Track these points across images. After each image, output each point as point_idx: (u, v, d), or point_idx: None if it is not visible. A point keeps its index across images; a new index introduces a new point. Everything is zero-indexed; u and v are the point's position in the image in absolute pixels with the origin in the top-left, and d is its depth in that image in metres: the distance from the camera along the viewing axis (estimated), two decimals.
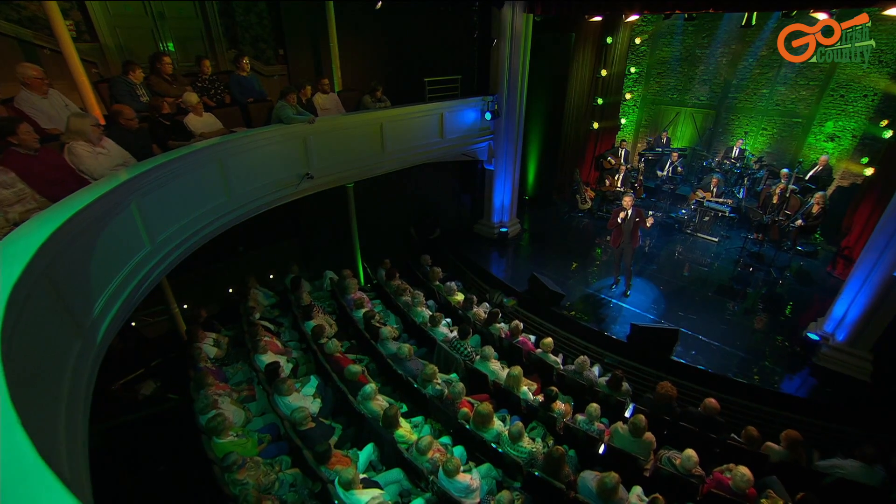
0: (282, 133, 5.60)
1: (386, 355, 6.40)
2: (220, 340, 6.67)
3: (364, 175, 7.08)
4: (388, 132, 6.99)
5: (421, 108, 7.39)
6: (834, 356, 6.07)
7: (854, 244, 8.05)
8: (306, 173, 6.01)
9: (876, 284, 5.62)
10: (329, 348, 6.29)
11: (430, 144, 7.82)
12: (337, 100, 6.77)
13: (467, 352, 6.39)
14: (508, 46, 7.98)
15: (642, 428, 4.79)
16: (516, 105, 8.68)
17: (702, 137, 12.09)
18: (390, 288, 8.17)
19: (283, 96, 5.55)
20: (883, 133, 8.07)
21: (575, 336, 7.07)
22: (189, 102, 4.86)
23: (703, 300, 7.50)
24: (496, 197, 9.59)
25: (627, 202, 6.84)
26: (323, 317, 7.71)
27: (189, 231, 4.40)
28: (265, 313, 7.89)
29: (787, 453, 4.84)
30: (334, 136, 6.36)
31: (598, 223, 10.61)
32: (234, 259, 8.98)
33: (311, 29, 7.73)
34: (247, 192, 5.29)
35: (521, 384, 5.73)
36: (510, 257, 9.32)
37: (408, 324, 7.50)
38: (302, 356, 6.99)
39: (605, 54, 10.43)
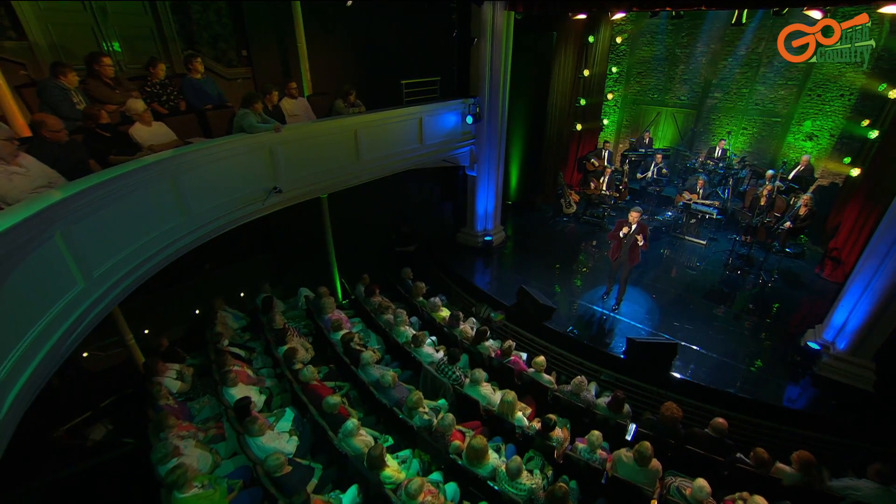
0: (245, 143, 5.04)
1: (368, 382, 5.90)
2: (183, 372, 6.04)
3: (338, 186, 6.55)
4: (364, 139, 6.48)
5: (398, 112, 6.90)
6: (835, 366, 5.87)
7: (842, 245, 7.95)
8: (274, 187, 5.46)
9: (878, 292, 5.43)
10: (304, 376, 5.75)
11: (408, 151, 7.33)
12: (306, 105, 6.23)
13: (456, 375, 5.94)
14: (489, 46, 7.57)
15: (648, 456, 4.45)
16: (498, 107, 8.28)
17: (683, 138, 11.98)
18: (370, 305, 7.65)
19: (247, 103, 4.99)
20: (868, 133, 7.99)
21: (568, 352, 6.69)
22: (134, 110, 4.25)
23: (697, 308, 7.25)
24: (479, 204, 9.17)
25: (634, 217, 6.40)
26: (298, 340, 7.14)
27: (137, 260, 3.81)
28: (235, 338, 7.28)
29: (801, 476, 4.58)
30: (304, 145, 5.82)
31: (583, 227, 10.32)
32: (200, 278, 8.30)
33: (277, 28, 7.13)
34: (206, 210, 4.71)
35: (515, 410, 5.32)
36: (495, 267, 8.92)
37: (390, 344, 7.01)
38: (276, 385, 6.42)
39: (587, 54, 10.15)
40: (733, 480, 4.76)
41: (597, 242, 9.72)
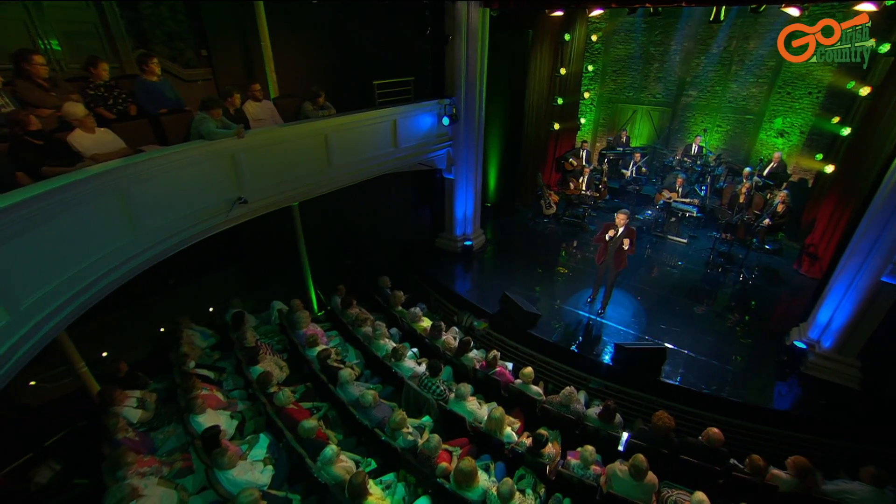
0: (204, 151, 4.61)
1: (347, 402, 5.55)
2: (145, 399, 5.56)
3: (309, 194, 6.16)
4: (335, 143, 6.11)
5: (371, 114, 6.55)
6: (821, 364, 5.83)
7: (818, 241, 8.01)
8: (238, 197, 5.05)
9: (862, 290, 5.41)
10: (280, 400, 5.37)
11: (383, 155, 6.99)
12: (272, 108, 5.82)
13: (440, 390, 5.65)
14: (465, 44, 7.30)
15: (644, 469, 4.27)
16: (475, 108, 8.02)
17: (660, 135, 12.00)
18: (347, 318, 7.29)
19: (205, 107, 4.56)
20: (840, 130, 8.07)
21: (554, 360, 6.48)
22: (73, 115, 3.78)
23: (682, 310, 7.16)
24: (458, 208, 8.89)
25: (621, 220, 6.14)
26: (272, 358, 6.74)
27: (77, 286, 3.38)
28: (203, 358, 6.80)
29: (797, 482, 4.47)
30: (271, 151, 5.42)
31: (564, 228, 10.17)
32: (164, 294, 7.76)
33: (238, 26, 6.66)
34: (162, 226, 4.27)
35: (504, 426, 5.06)
36: (476, 273, 8.65)
37: (370, 358, 6.66)
38: (249, 408, 6.00)
39: (563, 52, 10.00)
40: (729, 489, 4.64)
41: (578, 243, 9.59)
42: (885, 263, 5.20)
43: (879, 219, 5.24)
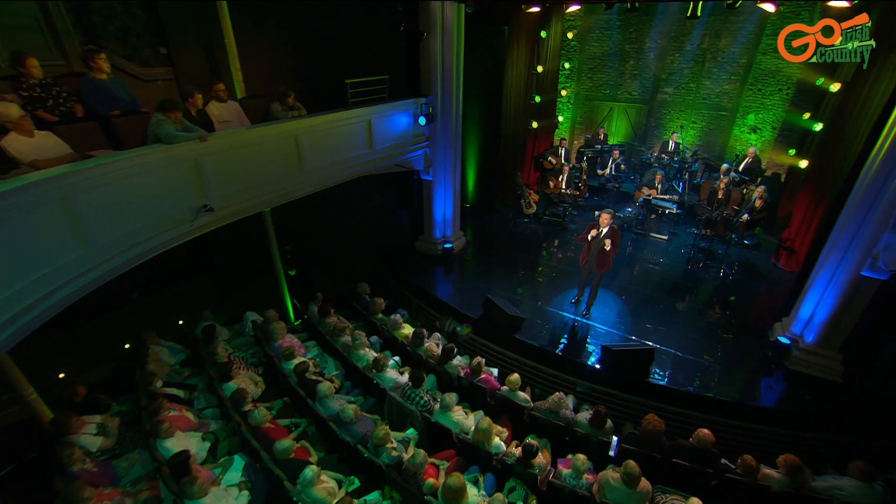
0: (163, 156, 4.26)
1: (326, 417, 5.27)
2: (106, 425, 5.13)
3: (281, 199, 5.84)
4: (307, 146, 5.80)
5: (344, 115, 6.26)
6: (805, 359, 5.84)
7: (795, 235, 8.10)
8: (203, 205, 4.71)
9: (843, 284, 5.42)
10: (255, 419, 5.05)
11: (357, 157, 6.70)
12: (238, 109, 5.49)
13: (424, 401, 5.42)
14: (440, 41, 7.08)
15: (637, 476, 4.14)
16: (452, 106, 7.81)
17: (637, 133, 12.04)
18: (325, 327, 6.99)
19: (163, 109, 4.21)
20: (812, 126, 8.17)
21: (540, 364, 6.32)
22: (6, 117, 3.40)
23: (667, 308, 7.11)
24: (437, 209, 8.67)
25: (605, 220, 6.00)
26: (246, 373, 6.39)
27: (16, 307, 3.02)
28: (172, 375, 6.41)
29: (788, 481, 4.42)
30: (238, 155, 5.09)
31: (545, 228, 10.06)
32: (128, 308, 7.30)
33: (200, 22, 6.27)
34: (116, 238, 3.91)
35: (492, 437, 4.86)
36: (458, 276, 8.44)
37: (350, 368, 6.38)
38: (223, 428, 5.65)
39: (540, 49, 9.89)
40: (722, 490, 4.56)
41: (559, 243, 9.49)
42: (864, 258, 5.22)
43: (857, 214, 5.26)
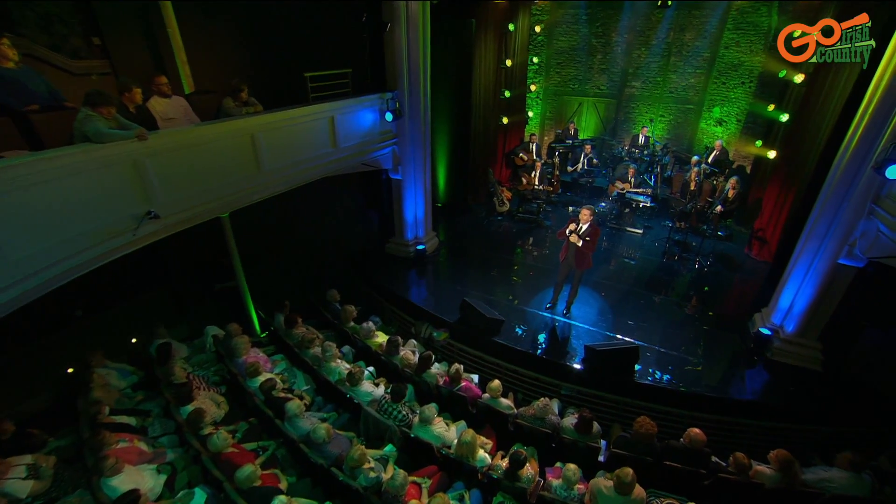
0: (95, 157, 3.75)
1: (297, 438, 4.84)
2: (38, 465, 4.52)
3: (238, 203, 5.37)
4: (264, 145, 5.34)
5: (304, 111, 5.81)
6: (786, 349, 5.81)
7: (766, 225, 8.15)
8: (147, 211, 4.20)
9: (821, 273, 5.40)
10: (215, 444, 4.57)
11: (320, 156, 6.27)
12: (185, 106, 4.98)
13: (402, 415, 5.07)
14: (405, 33, 6.72)
15: (630, 482, 3.91)
16: (420, 102, 7.46)
17: (606, 127, 12.02)
18: (293, 339, 6.53)
19: (91, 103, 3.69)
20: (779, 116, 8.25)
21: (522, 368, 6.07)
22: None
23: (647, 303, 7.00)
24: (407, 210, 8.31)
25: (585, 216, 5.83)
26: (207, 393, 5.88)
27: None
28: (122, 401, 5.80)
29: (780, 476, 4.32)
30: (186, 156, 4.60)
31: (519, 225, 9.85)
32: (70, 328, 6.60)
33: (138, 10, 5.66)
34: (35, 254, 3.38)
35: (476, 450, 4.56)
36: (431, 279, 8.10)
37: (321, 382, 5.96)
38: (181, 457, 5.12)
39: (508, 43, 9.67)
40: (714, 490, 4.41)
41: (534, 240, 9.29)
42: (841, 246, 5.21)
43: (832, 203, 5.24)
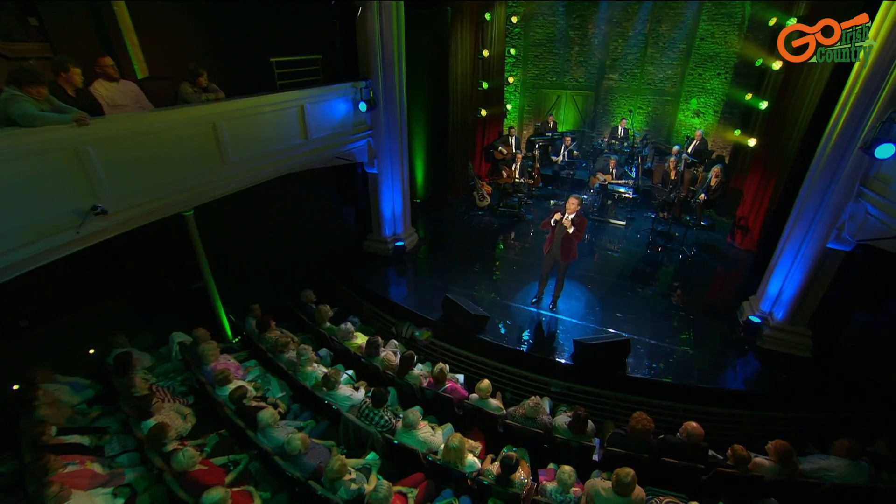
0: (22, 143, 3.31)
1: (271, 450, 4.47)
2: None
3: (200, 199, 4.94)
4: (228, 135, 4.93)
5: (271, 99, 5.41)
6: (776, 336, 5.72)
7: (748, 213, 8.12)
8: (93, 206, 3.77)
9: (810, 258, 5.32)
10: (179, 462, 4.13)
11: (290, 148, 5.87)
12: (137, 92, 4.54)
13: (384, 420, 4.75)
14: (377, 18, 6.38)
15: (630, 482, 3.69)
16: (395, 92, 7.13)
17: (585, 120, 11.91)
18: (266, 343, 6.12)
19: (17, 82, 3.25)
20: (758, 104, 8.23)
21: (509, 366, 5.81)
22: None
23: (635, 295, 6.85)
24: (385, 205, 7.96)
25: (572, 205, 5.56)
26: (171, 405, 5.43)
27: None
28: (74, 419, 5.28)
29: (780, 468, 4.18)
30: (139, 146, 4.17)
31: (500, 220, 9.61)
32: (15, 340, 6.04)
33: None
34: None
35: (465, 455, 4.27)
36: (412, 276, 7.77)
37: (297, 388, 5.58)
38: (143, 476, 4.66)
39: (485, 33, 9.42)
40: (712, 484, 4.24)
41: (516, 235, 9.07)
42: (830, 229, 5.13)
43: (819, 186, 5.15)
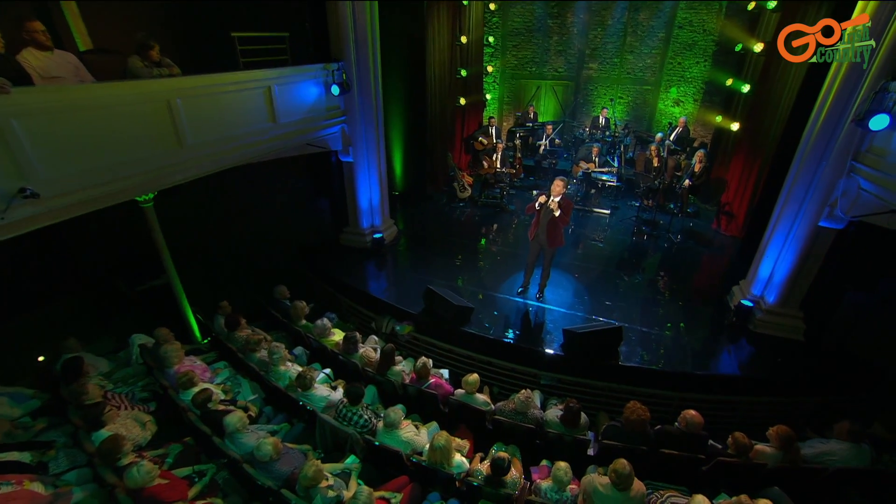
0: None
1: (240, 457, 4.06)
2: None
3: (155, 185, 4.49)
4: (185, 116, 4.47)
5: (234, 77, 4.97)
6: (768, 320, 5.57)
7: (732, 199, 8.03)
8: (20, 188, 3.30)
9: (801, 238, 5.18)
10: (133, 479, 3.66)
11: (257, 133, 5.42)
12: (76, 64, 4.05)
13: (364, 420, 4.39)
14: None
15: (629, 474, 3.43)
16: (370, 75, 6.75)
17: (565, 110, 11.75)
18: (236, 342, 5.69)
19: None
20: (741, 87, 8.16)
21: (496, 359, 5.51)
22: None
23: (623, 283, 6.64)
24: (361, 196, 7.57)
25: (557, 187, 5.28)
26: (129, 413, 4.95)
27: None
28: (13, 434, 4.74)
29: (782, 454, 4.00)
30: (78, 121, 3.71)
31: (482, 211, 9.33)
32: None
33: None
34: None
35: (451, 455, 3.94)
36: (391, 269, 7.41)
37: (270, 389, 5.17)
38: (93, 494, 4.17)
39: (462, 18, 9.13)
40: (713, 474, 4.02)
41: (498, 226, 8.79)
42: (822, 207, 4.99)
43: (810, 163, 5.02)
